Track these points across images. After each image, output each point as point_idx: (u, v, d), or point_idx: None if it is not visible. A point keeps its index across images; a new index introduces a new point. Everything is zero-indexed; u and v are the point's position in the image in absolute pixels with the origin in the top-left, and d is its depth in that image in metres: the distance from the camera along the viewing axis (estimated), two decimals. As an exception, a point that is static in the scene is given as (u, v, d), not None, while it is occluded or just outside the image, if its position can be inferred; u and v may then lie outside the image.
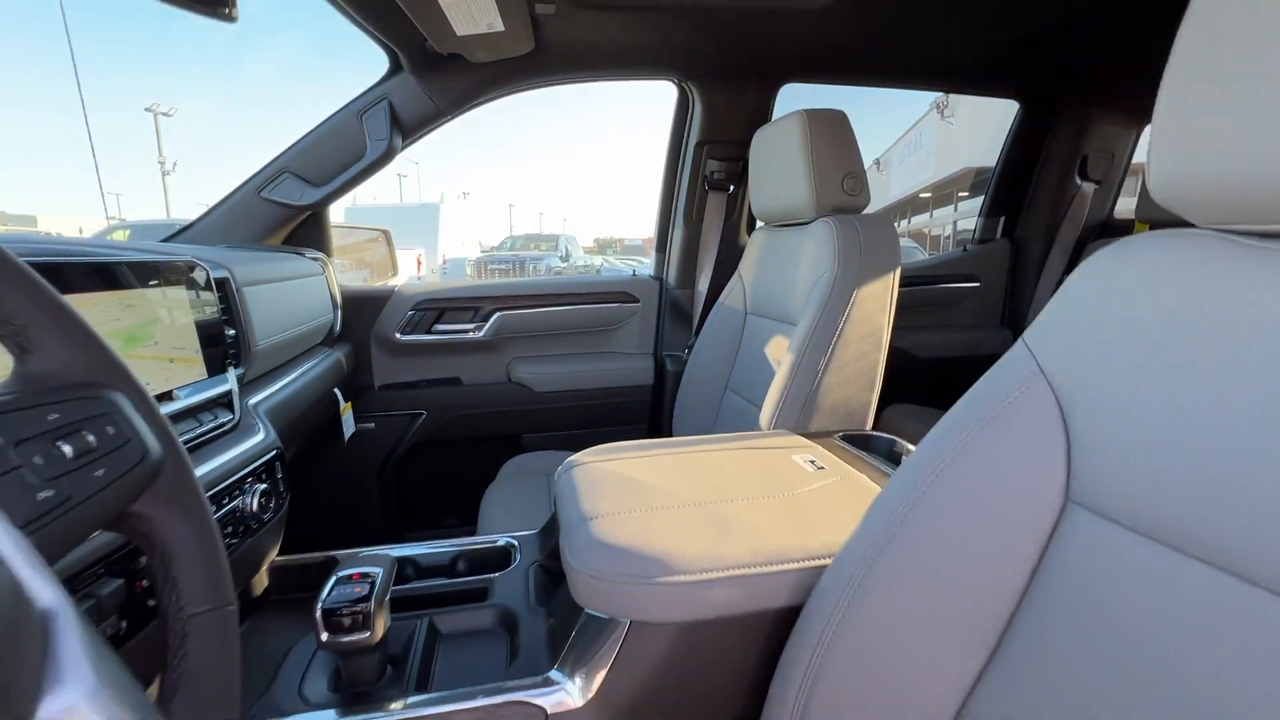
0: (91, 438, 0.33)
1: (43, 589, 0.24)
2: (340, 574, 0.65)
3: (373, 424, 1.61)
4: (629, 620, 0.63)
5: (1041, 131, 1.96)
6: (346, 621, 0.60)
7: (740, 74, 1.56)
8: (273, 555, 0.87)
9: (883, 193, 22.13)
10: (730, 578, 0.62)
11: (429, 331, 1.64)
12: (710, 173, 1.64)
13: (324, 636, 0.60)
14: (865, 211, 1.22)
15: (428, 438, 1.66)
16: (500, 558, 0.89)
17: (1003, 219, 2.09)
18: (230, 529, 0.74)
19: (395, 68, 1.36)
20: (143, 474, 0.36)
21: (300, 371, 1.19)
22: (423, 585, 0.81)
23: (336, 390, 1.40)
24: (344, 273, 1.68)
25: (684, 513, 0.70)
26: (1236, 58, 0.36)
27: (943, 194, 18.21)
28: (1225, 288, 0.39)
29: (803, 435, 1.00)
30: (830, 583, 0.57)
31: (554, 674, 0.64)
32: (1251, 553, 0.35)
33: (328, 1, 1.15)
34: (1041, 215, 2.04)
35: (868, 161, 1.94)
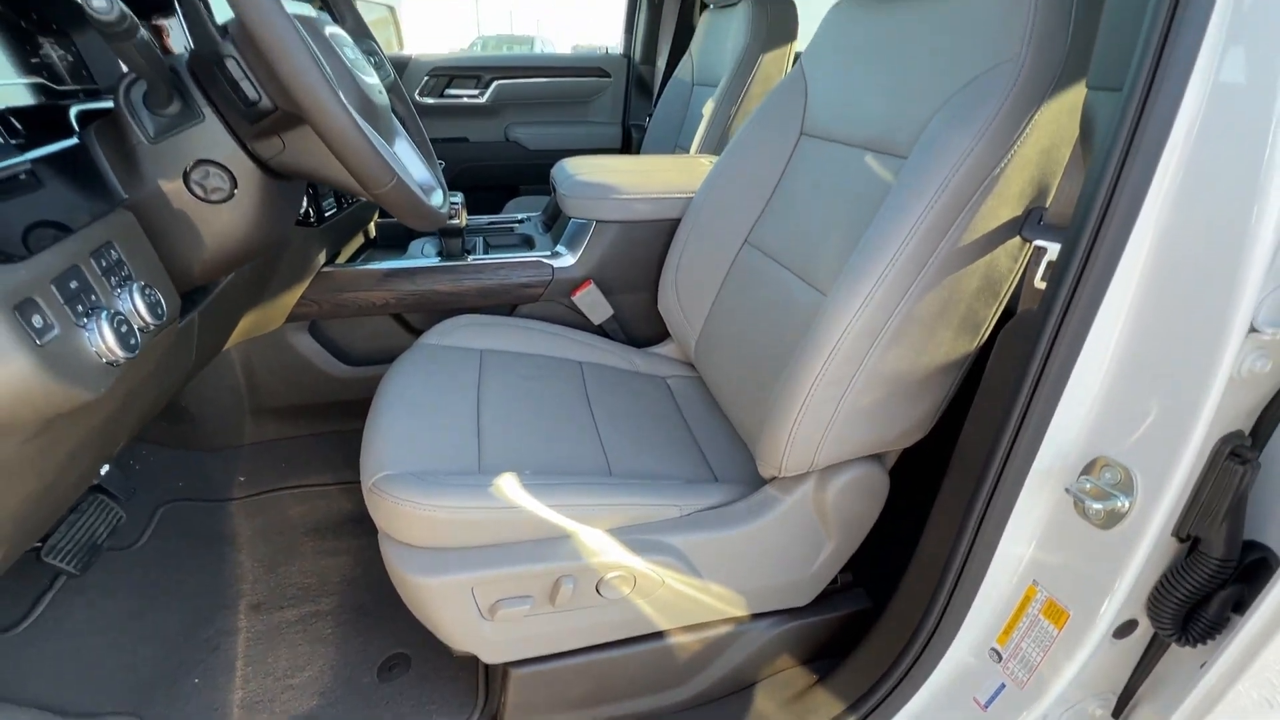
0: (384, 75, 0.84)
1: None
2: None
3: (403, 171, 2.09)
4: (595, 220, 1.19)
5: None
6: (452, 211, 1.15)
7: None
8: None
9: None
10: (648, 198, 1.18)
11: (441, 96, 2.05)
12: (670, -41, 1.96)
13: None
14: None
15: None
16: (515, 221, 1.45)
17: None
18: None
19: None
20: (394, 84, 0.87)
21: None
22: (478, 220, 1.38)
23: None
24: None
25: (629, 173, 1.25)
26: None
27: None
28: (869, 20, 0.90)
29: (713, 154, 1.53)
30: (695, 197, 1.13)
31: (557, 249, 1.22)
32: (851, 129, 0.88)
33: None
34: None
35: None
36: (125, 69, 0.65)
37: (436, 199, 0.81)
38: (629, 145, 2.20)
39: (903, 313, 0.68)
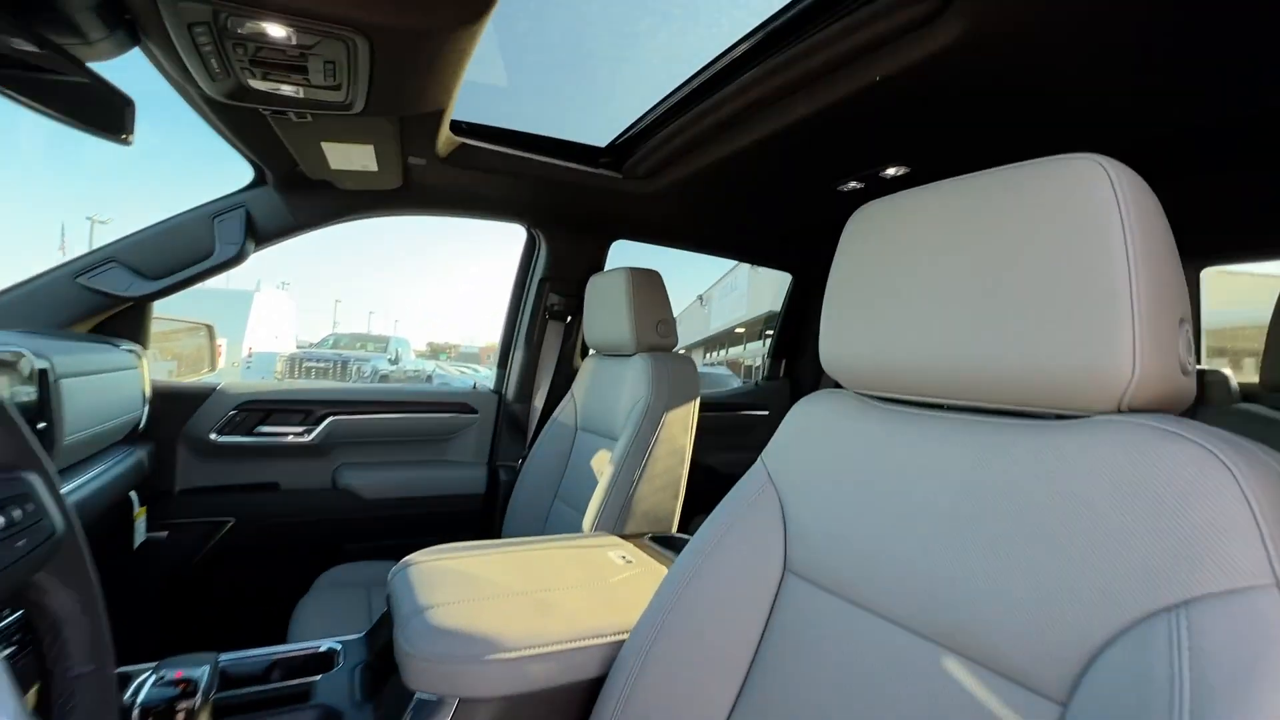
0: (16, 513, 0.40)
1: None
2: (160, 674, 0.65)
3: (165, 533, 1.47)
4: (458, 698, 0.71)
5: (808, 297, 2.52)
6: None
7: (580, 228, 1.86)
8: None
9: (705, 324, 24.76)
10: (548, 653, 0.74)
11: (250, 433, 1.58)
12: (551, 305, 1.88)
13: None
14: (693, 340, 1.52)
15: (234, 547, 1.53)
16: (321, 662, 0.90)
17: (784, 361, 2.58)
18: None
19: (259, 180, 1.44)
20: (50, 547, 0.42)
21: (98, 471, 1.11)
22: (239, 693, 0.80)
23: (133, 494, 1.30)
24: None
25: (510, 600, 0.81)
26: (861, 291, 0.64)
27: (753, 331, 20.90)
28: (869, 430, 0.66)
29: (619, 536, 1.17)
30: (627, 651, 0.72)
31: (381, 758, 0.68)
32: (901, 606, 0.56)
33: (200, 115, 1.21)
34: (811, 362, 2.56)
35: (692, 297, 2.30)
36: None
37: None
38: (496, 490, 1.81)
39: None
